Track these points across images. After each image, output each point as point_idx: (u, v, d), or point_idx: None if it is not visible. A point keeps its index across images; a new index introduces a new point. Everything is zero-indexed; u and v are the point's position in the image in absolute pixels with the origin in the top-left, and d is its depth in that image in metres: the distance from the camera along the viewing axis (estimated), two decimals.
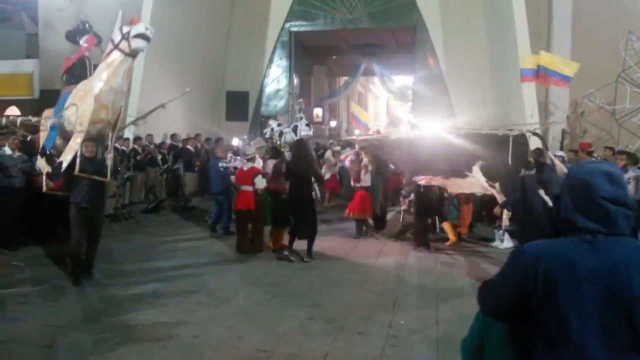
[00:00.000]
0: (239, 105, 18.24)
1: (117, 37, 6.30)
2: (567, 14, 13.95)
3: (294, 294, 6.21)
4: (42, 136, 7.23)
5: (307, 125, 16.10)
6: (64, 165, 6.35)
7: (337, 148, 14.29)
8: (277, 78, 19.32)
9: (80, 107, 6.44)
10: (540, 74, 10.96)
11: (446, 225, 9.15)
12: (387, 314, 5.52)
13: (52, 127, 6.91)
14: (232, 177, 8.78)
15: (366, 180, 9.70)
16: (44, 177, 6.93)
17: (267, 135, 12.24)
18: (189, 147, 13.15)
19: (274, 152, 9.52)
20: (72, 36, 7.59)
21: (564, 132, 13.22)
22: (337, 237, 9.51)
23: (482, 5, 16.32)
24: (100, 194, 6.78)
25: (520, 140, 7.93)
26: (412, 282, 6.83)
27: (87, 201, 6.44)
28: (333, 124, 27.68)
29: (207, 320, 5.31)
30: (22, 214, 8.01)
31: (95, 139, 6.68)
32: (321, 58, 25.14)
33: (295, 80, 20.07)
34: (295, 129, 15.79)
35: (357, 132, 24.52)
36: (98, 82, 6.37)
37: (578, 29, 13.74)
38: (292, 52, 19.17)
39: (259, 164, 8.78)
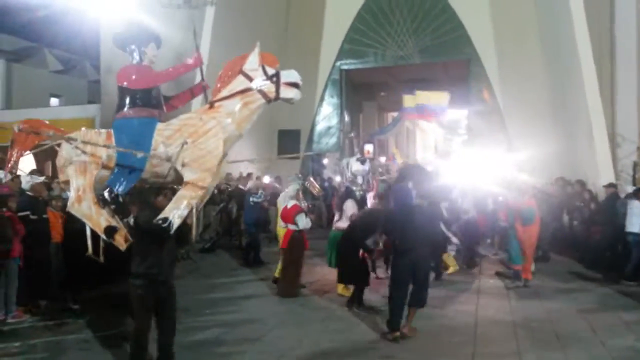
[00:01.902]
0: (291, 143, 18.32)
1: (258, 76, 5.29)
2: (632, 42, 13.34)
3: (361, 343, 5.85)
4: (70, 173, 5.42)
5: (359, 160, 15.23)
6: (175, 224, 4.63)
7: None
8: (328, 116, 19.42)
9: (202, 149, 5.02)
10: (425, 111, 12.54)
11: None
12: None
13: (124, 163, 5.23)
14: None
15: None
16: (90, 232, 5.34)
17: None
18: (241, 186, 13.20)
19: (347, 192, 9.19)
20: (127, 41, 5.59)
21: (635, 164, 12.43)
22: None
23: (540, 37, 15.93)
24: (174, 258, 5.08)
25: None
26: (488, 332, 6.29)
27: (165, 273, 4.70)
28: (383, 159, 27.39)
29: None
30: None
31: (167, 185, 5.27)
32: (370, 94, 25.16)
33: (346, 118, 20.08)
34: (347, 165, 15.38)
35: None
36: (229, 123, 5.24)
37: None
38: (342, 90, 19.27)
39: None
